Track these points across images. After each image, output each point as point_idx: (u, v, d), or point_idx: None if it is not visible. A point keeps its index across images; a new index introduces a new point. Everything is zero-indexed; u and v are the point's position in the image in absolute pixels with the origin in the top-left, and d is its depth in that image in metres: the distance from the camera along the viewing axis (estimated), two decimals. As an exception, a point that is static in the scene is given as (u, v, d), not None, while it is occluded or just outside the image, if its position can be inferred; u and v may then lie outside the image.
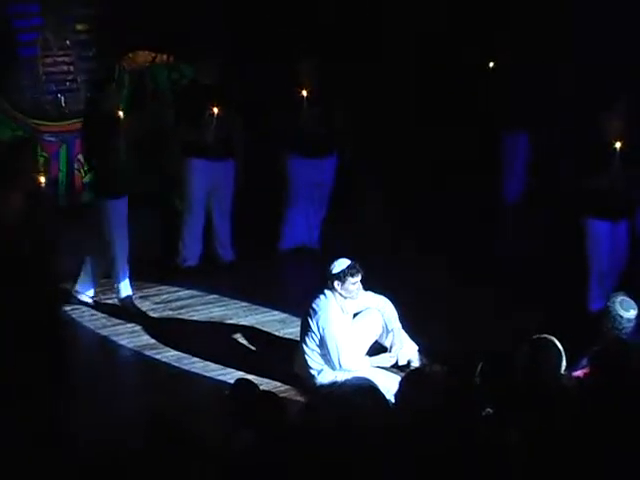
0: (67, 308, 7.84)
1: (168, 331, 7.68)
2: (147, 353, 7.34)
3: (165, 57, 9.11)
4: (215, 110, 8.14)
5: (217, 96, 8.22)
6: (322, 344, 6.74)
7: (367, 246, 8.13)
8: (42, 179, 6.40)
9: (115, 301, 7.85)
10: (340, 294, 6.78)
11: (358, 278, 6.76)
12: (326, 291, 6.79)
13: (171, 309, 7.95)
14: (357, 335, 6.89)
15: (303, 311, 6.90)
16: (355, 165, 8.88)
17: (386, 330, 7.01)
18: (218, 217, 8.59)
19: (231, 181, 8.55)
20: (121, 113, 7.60)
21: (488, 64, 9.23)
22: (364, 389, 5.44)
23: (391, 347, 6.99)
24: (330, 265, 6.81)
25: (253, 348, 7.45)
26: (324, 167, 8.73)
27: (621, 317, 5.91)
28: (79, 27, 8.78)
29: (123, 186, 7.69)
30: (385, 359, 6.94)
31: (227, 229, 8.64)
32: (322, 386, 6.54)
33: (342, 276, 6.73)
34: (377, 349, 7.03)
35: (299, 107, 8.36)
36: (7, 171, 6.36)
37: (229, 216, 8.62)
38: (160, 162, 8.19)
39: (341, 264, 6.77)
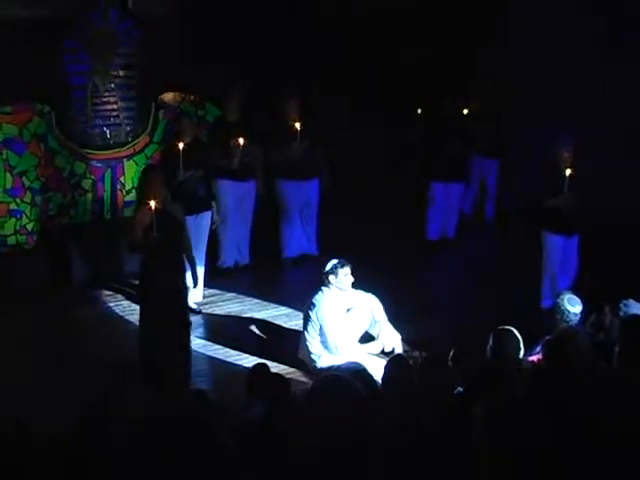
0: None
1: (195, 323, 7.58)
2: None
3: (192, 97, 9.13)
4: (240, 141, 8.20)
5: (240, 130, 8.27)
6: (321, 332, 6.75)
7: (357, 249, 8.07)
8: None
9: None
10: (336, 287, 6.79)
11: (348, 269, 6.78)
12: (324, 288, 6.82)
13: (196, 303, 7.86)
14: (350, 326, 6.89)
15: (305, 306, 6.91)
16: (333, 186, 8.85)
17: (374, 322, 7.02)
18: (240, 228, 8.58)
19: (252, 199, 8.60)
20: (181, 145, 7.64)
21: (462, 110, 9.05)
22: (357, 371, 5.49)
23: (378, 336, 7.01)
24: (322, 269, 6.85)
25: (264, 337, 7.45)
26: (311, 188, 8.73)
27: (569, 312, 5.96)
28: (121, 73, 8.76)
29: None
30: (373, 346, 6.95)
31: (246, 239, 8.64)
32: (322, 369, 6.56)
33: (334, 270, 6.77)
34: (366, 338, 7.04)
35: (292, 140, 8.37)
36: (142, 189, 6.62)
37: (249, 228, 8.63)
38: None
39: (331, 263, 6.82)
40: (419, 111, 8.83)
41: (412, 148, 9.22)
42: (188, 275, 6.98)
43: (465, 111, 8.96)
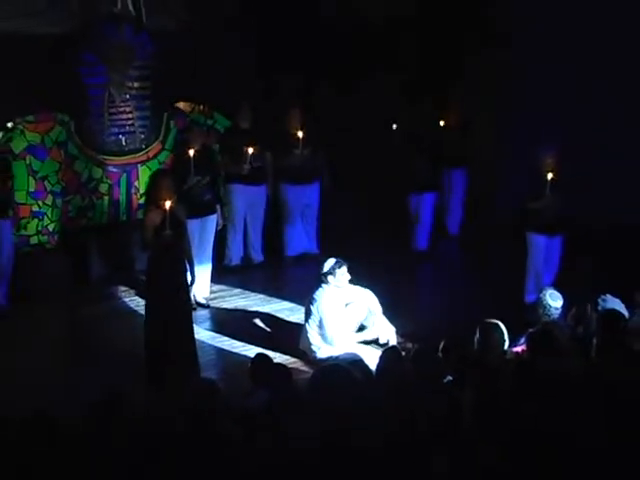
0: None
1: (203, 316, 7.67)
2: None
3: (202, 107, 9.13)
4: (250, 148, 8.19)
5: (251, 137, 8.26)
6: (320, 326, 6.75)
7: (354, 248, 8.07)
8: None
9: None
10: (335, 285, 6.79)
11: (345, 269, 6.78)
12: (323, 285, 6.81)
13: (205, 298, 7.85)
14: (347, 318, 6.89)
15: (306, 301, 6.90)
16: (332, 189, 8.84)
17: (369, 315, 7.00)
18: (252, 229, 8.60)
19: (263, 201, 8.59)
20: (191, 152, 7.63)
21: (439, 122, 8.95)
22: (354, 361, 5.49)
23: (372, 326, 6.97)
24: (321, 266, 6.84)
25: (268, 330, 7.44)
26: (311, 192, 8.73)
27: (550, 306, 5.95)
28: (136, 84, 8.75)
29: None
30: (367, 334, 6.94)
31: (259, 238, 8.65)
32: (321, 359, 6.54)
33: (332, 271, 6.77)
34: (361, 329, 6.99)
35: (294, 147, 8.37)
36: (152, 191, 6.58)
37: (261, 228, 8.64)
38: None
39: (329, 263, 6.81)
40: (394, 126, 8.63)
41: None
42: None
43: (441, 122, 8.83)
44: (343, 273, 6.79)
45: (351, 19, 9.04)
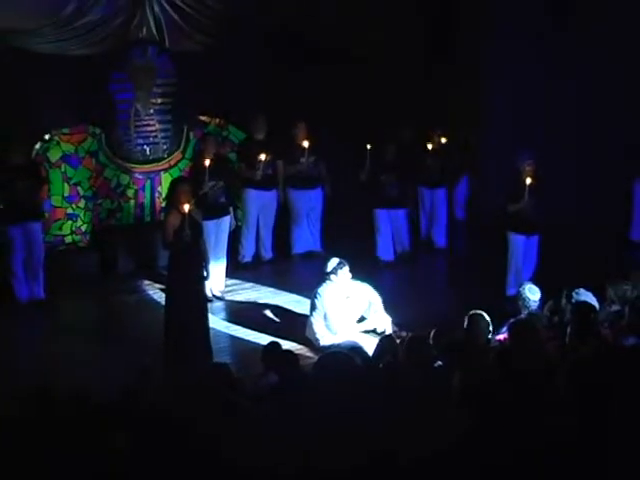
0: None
1: (219, 308, 7.66)
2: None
3: (218, 120, 9.15)
4: (263, 156, 8.19)
5: (264, 146, 8.25)
6: (325, 317, 6.75)
7: (354, 247, 8.07)
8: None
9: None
10: (337, 283, 6.80)
11: (346, 269, 6.79)
12: (327, 281, 6.81)
13: (220, 291, 7.84)
14: (348, 311, 6.90)
15: (311, 295, 6.90)
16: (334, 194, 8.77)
17: (369, 307, 7.00)
18: (264, 229, 8.59)
19: (274, 205, 8.56)
20: (206, 161, 7.62)
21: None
22: (354, 348, 5.52)
23: (369, 317, 6.97)
24: (325, 265, 6.83)
25: (277, 320, 7.42)
26: (316, 196, 8.70)
27: (529, 299, 5.93)
28: (159, 100, 8.76)
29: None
30: (366, 324, 6.95)
31: (269, 237, 8.63)
32: (324, 346, 6.55)
33: (335, 271, 6.77)
34: (361, 320, 6.98)
35: (301, 156, 8.36)
36: (172, 196, 6.55)
37: (271, 229, 8.61)
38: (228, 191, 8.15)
39: (332, 263, 6.80)
40: (368, 147, 8.18)
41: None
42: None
43: (429, 146, 8.47)
44: (345, 272, 6.78)
45: (340, 51, 8.93)
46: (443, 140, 8.69)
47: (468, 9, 9.37)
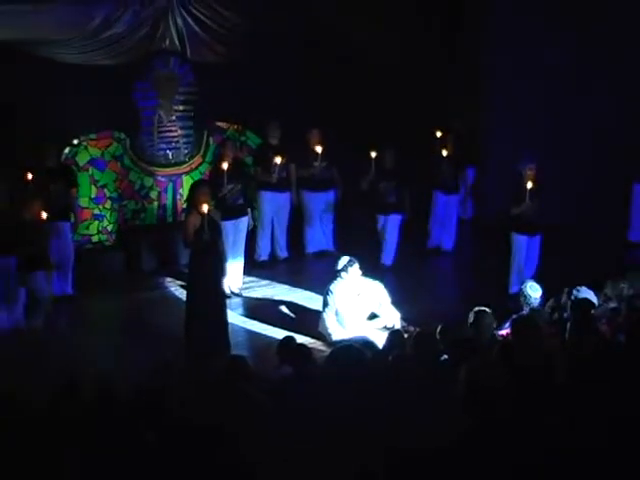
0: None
1: (236, 304, 7.66)
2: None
3: (236, 126, 9.17)
4: (277, 160, 8.20)
5: (279, 152, 8.26)
6: (337, 313, 6.75)
7: (365, 247, 8.07)
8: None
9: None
10: (348, 280, 6.79)
11: (357, 266, 6.78)
12: (338, 278, 6.81)
13: (238, 288, 7.85)
14: (359, 307, 6.88)
15: (324, 292, 6.90)
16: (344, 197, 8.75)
17: (378, 304, 6.98)
18: (278, 229, 8.60)
19: (288, 206, 8.56)
20: (224, 164, 7.64)
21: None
22: (364, 342, 5.51)
23: (380, 315, 6.95)
24: (336, 264, 6.82)
25: (292, 315, 7.42)
26: (328, 198, 8.69)
27: (531, 296, 5.93)
28: (181, 107, 8.80)
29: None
30: (377, 322, 6.93)
31: (284, 237, 8.63)
32: (336, 341, 6.54)
33: (346, 268, 6.77)
34: (372, 316, 6.98)
35: (314, 160, 8.35)
36: (192, 198, 6.57)
37: (286, 229, 8.62)
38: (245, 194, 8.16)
39: (343, 261, 6.80)
40: (373, 154, 8.05)
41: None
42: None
43: (444, 152, 8.37)
44: (355, 270, 6.78)
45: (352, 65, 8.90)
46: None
47: (471, 15, 9.24)
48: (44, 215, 6.97)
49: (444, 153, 8.51)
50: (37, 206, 6.99)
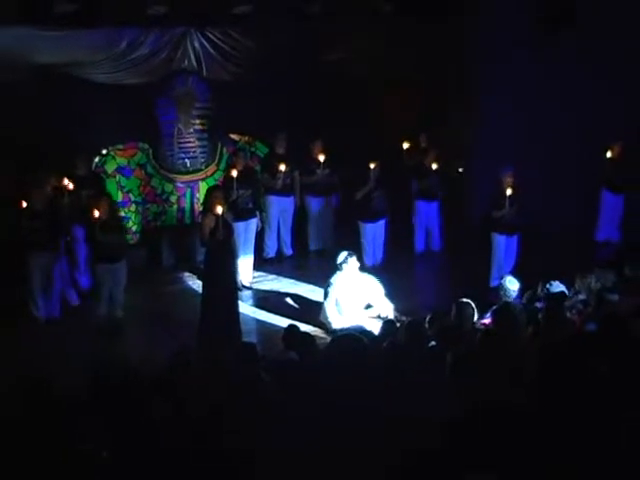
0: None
1: (247, 296, 7.67)
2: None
3: (247, 137, 9.17)
4: (282, 167, 8.20)
5: (285, 160, 8.27)
6: (337, 303, 6.76)
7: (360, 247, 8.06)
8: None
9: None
10: (347, 272, 6.78)
11: (355, 258, 6.80)
12: (337, 272, 6.82)
13: (248, 282, 7.89)
14: (357, 297, 6.89)
15: (325, 284, 6.91)
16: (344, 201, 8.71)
17: (374, 295, 6.98)
18: (284, 229, 8.61)
19: (292, 209, 8.57)
20: (234, 172, 7.63)
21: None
22: (362, 330, 5.50)
23: (375, 305, 6.94)
24: (337, 258, 6.83)
25: (296, 306, 7.44)
26: (329, 202, 8.68)
27: (509, 289, 5.92)
28: (198, 121, 8.81)
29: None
30: (372, 311, 6.93)
31: (289, 236, 8.64)
32: (336, 329, 6.55)
33: (345, 260, 6.78)
34: (368, 306, 6.97)
35: (317, 168, 8.34)
36: (207, 202, 6.61)
37: (290, 229, 8.63)
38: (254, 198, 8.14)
39: (342, 254, 6.83)
40: (372, 166, 7.90)
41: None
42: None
43: (433, 166, 8.32)
44: (353, 261, 6.79)
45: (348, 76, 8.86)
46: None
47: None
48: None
49: (434, 166, 8.40)
50: (104, 205, 6.81)
